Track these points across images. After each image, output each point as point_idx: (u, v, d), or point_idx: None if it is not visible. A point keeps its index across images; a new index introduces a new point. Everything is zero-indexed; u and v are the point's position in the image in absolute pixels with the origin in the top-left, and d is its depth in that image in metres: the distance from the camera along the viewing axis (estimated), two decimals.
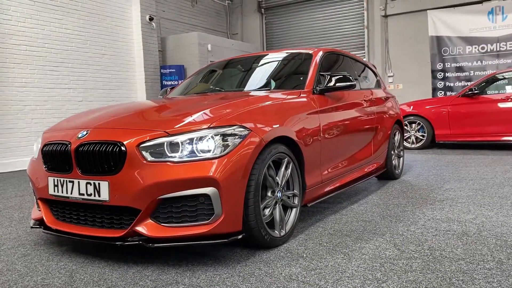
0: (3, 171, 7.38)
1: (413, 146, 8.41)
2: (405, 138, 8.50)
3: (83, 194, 2.47)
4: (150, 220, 2.37)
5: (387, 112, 4.86)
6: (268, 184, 2.67)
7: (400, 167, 5.24)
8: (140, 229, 2.36)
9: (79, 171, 2.49)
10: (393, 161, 4.97)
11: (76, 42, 8.76)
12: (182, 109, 2.87)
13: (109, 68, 9.48)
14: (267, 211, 2.65)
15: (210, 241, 2.37)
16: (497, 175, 5.04)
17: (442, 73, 10.81)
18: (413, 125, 8.40)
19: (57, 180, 2.60)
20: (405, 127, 8.45)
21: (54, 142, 2.68)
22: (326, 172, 3.39)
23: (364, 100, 4.28)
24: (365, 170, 4.24)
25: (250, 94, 3.34)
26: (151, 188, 2.31)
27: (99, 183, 2.41)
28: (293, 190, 2.92)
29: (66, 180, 2.55)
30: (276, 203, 2.73)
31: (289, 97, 3.16)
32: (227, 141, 2.42)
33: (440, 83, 10.86)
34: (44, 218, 2.74)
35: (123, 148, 2.37)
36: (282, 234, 2.74)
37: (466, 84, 10.35)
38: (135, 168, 2.34)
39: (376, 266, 2.34)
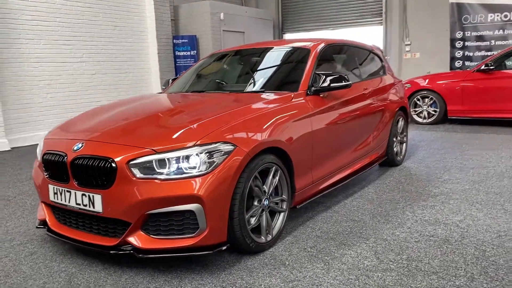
0: (21, 145, 7.70)
1: (424, 121, 8.34)
2: (417, 112, 8.43)
3: (79, 204, 2.65)
4: (141, 232, 2.54)
5: (391, 100, 4.83)
6: (254, 194, 2.78)
7: (403, 153, 5.26)
8: (132, 239, 2.53)
9: (75, 182, 2.66)
10: (394, 149, 4.99)
11: (87, 14, 8.79)
12: (173, 122, 2.96)
13: (121, 39, 9.53)
14: (253, 220, 2.78)
15: (196, 253, 2.54)
16: (500, 163, 5.02)
17: (462, 42, 10.46)
18: (426, 99, 8.28)
19: (56, 188, 2.77)
20: (418, 102, 8.35)
21: (52, 152, 2.83)
22: (318, 172, 3.46)
23: (364, 93, 4.26)
24: (363, 162, 4.29)
25: (241, 100, 3.39)
26: (140, 204, 2.45)
27: (93, 196, 2.58)
28: (281, 196, 3.03)
29: (64, 190, 2.72)
30: (262, 210, 2.85)
31: (280, 103, 3.18)
32: (213, 157, 2.53)
33: (459, 53, 10.53)
34: (47, 220, 2.95)
35: (113, 165, 2.50)
36: (268, 239, 2.88)
37: (486, 54, 10.02)
38: (125, 184, 2.48)
39: (351, 279, 2.47)
